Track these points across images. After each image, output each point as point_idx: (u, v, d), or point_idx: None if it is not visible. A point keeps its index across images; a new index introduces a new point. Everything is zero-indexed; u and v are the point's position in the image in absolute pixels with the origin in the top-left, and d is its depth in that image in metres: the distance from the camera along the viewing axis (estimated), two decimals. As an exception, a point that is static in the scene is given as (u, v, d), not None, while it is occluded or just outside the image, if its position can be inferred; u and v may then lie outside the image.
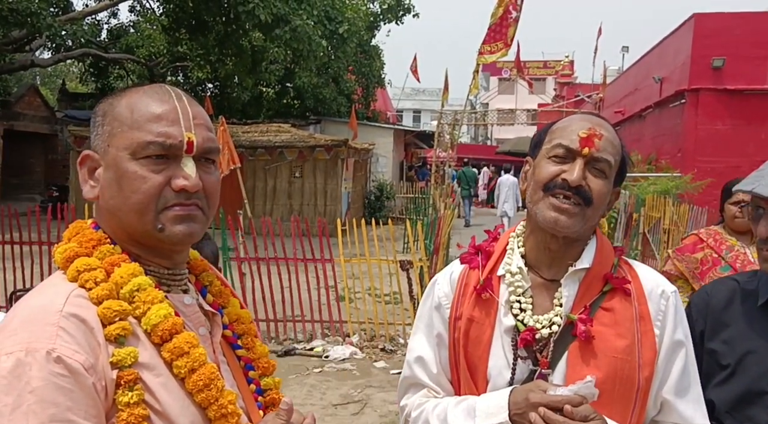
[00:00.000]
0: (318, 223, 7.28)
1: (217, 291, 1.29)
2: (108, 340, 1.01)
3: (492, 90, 42.50)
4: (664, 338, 1.43)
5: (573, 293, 1.44)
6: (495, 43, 16.14)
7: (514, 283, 1.47)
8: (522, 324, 1.43)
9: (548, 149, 1.44)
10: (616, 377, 1.37)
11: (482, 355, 1.45)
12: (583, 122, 1.44)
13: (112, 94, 1.17)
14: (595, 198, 1.40)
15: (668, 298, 1.46)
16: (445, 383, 1.52)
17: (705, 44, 14.60)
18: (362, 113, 23.83)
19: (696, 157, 14.68)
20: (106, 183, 1.11)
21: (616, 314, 1.42)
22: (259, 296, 6.97)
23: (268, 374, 1.30)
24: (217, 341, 1.20)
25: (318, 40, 16.00)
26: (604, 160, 1.40)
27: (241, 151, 13.12)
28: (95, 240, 1.12)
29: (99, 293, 1.04)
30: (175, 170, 1.09)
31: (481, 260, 1.55)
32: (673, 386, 1.43)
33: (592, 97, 24.89)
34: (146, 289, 1.08)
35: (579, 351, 1.39)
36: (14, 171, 20.57)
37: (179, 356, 1.06)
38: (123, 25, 24.13)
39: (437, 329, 1.53)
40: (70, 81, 33.38)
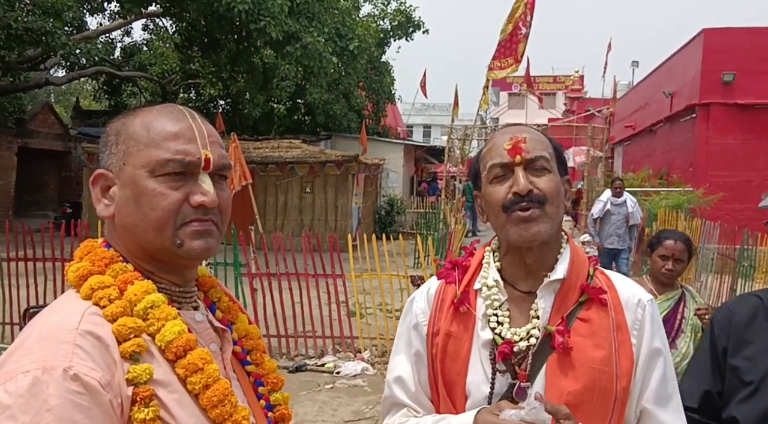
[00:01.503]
0: (329, 238, 7.29)
1: (226, 307, 1.30)
2: (123, 357, 1.02)
3: (502, 105, 42.57)
4: (641, 348, 1.43)
5: (549, 305, 1.44)
6: (505, 59, 16.20)
7: (490, 296, 1.47)
8: (500, 337, 1.43)
9: (487, 175, 1.47)
10: (594, 388, 1.37)
11: (461, 370, 1.45)
12: (504, 136, 1.47)
13: (124, 114, 1.19)
14: (548, 194, 1.41)
15: (645, 307, 1.46)
16: (425, 402, 1.52)
17: (715, 59, 14.59)
18: (372, 129, 23.92)
19: (707, 172, 14.62)
20: (122, 201, 1.11)
21: (593, 324, 1.42)
22: (270, 311, 6.97)
23: (277, 390, 1.31)
24: (227, 358, 1.21)
25: (329, 57, 16.12)
26: (537, 157, 1.43)
27: (253, 167, 13.19)
28: (108, 258, 1.13)
29: (113, 311, 1.05)
30: (192, 187, 1.11)
31: (458, 275, 1.55)
32: (653, 396, 1.43)
33: (602, 112, 24.87)
34: (160, 306, 1.09)
35: (557, 363, 1.39)
36: (28, 188, 20.78)
37: (193, 372, 1.07)
38: (136, 44, 24.44)
39: (415, 347, 1.53)
40: (84, 98, 33.77)
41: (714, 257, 9.70)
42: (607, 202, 10.05)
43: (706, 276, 9.80)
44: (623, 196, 10.04)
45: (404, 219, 20.15)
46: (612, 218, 10.04)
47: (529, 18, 15.54)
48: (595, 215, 10.17)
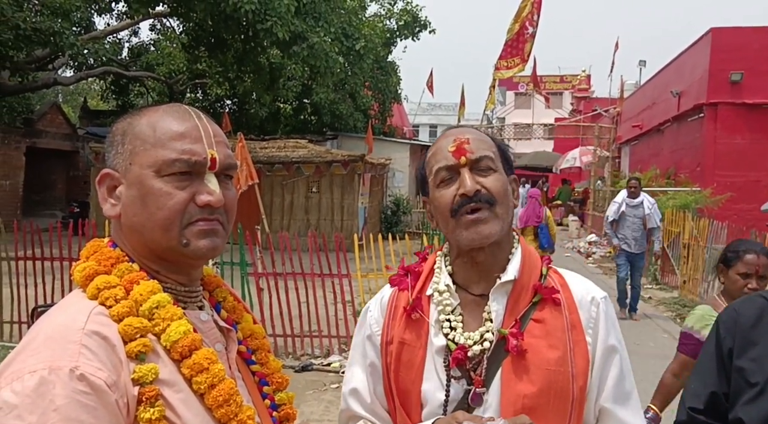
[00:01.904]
0: (335, 238, 7.30)
1: (231, 307, 1.30)
2: (129, 357, 1.02)
3: (508, 105, 42.50)
4: (597, 346, 1.42)
5: (502, 307, 1.42)
6: (512, 59, 16.19)
7: (442, 302, 1.45)
8: (453, 343, 1.41)
9: (434, 180, 1.45)
10: (551, 389, 1.35)
11: (415, 378, 1.43)
12: (447, 139, 1.45)
13: (130, 114, 1.18)
14: (495, 194, 1.40)
15: (598, 305, 1.44)
16: (382, 413, 1.51)
17: (723, 58, 14.53)
18: (379, 128, 23.93)
19: (715, 172, 14.56)
20: (128, 201, 1.12)
21: (547, 324, 1.40)
22: (277, 311, 6.98)
23: (282, 389, 1.31)
24: (232, 357, 1.21)
25: (335, 57, 16.14)
26: (482, 157, 1.41)
27: (259, 167, 13.22)
28: (113, 258, 1.14)
29: (119, 311, 1.05)
30: (198, 187, 1.11)
31: (410, 281, 1.53)
32: (611, 394, 1.41)
33: (609, 112, 24.80)
34: (165, 306, 1.09)
35: (512, 366, 1.37)
36: (36, 187, 20.89)
37: (199, 372, 1.07)
38: (143, 44, 24.53)
39: (370, 358, 1.52)
40: (92, 99, 33.92)
41: (722, 257, 9.64)
42: (622, 203, 9.38)
43: (713, 276, 9.75)
44: (640, 196, 9.35)
45: (410, 219, 20.15)
46: (628, 220, 9.34)
47: (536, 17, 15.51)
48: (610, 218, 9.49)
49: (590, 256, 16.93)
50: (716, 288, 9.49)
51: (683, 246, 11.13)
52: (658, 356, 7.41)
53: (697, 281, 10.38)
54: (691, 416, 1.74)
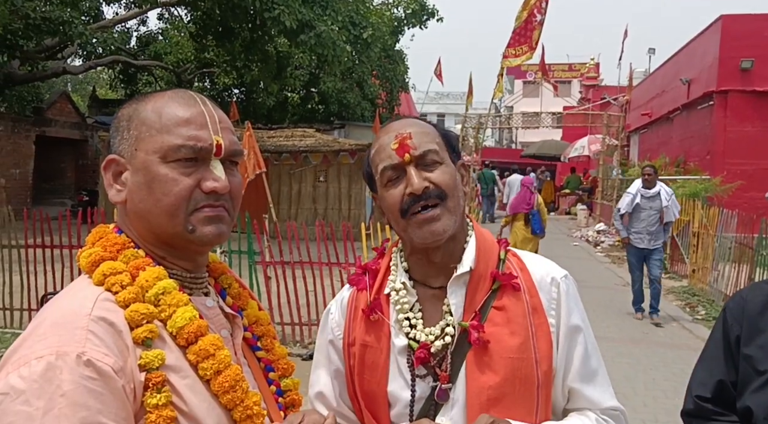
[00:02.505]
0: (342, 227, 7.31)
1: (236, 293, 1.30)
2: (136, 343, 1.03)
3: (516, 93, 42.28)
4: (560, 327, 1.40)
5: (461, 299, 1.39)
6: (520, 47, 16.08)
7: (399, 300, 1.42)
8: (415, 342, 1.39)
9: (380, 179, 1.41)
10: (515, 377, 1.34)
11: (381, 379, 1.40)
12: (389, 135, 1.41)
13: (135, 100, 1.18)
14: (445, 188, 1.36)
15: (558, 285, 1.42)
16: (348, 414, 1.49)
17: (733, 46, 14.40)
18: (386, 117, 23.80)
19: (725, 160, 14.47)
20: (134, 187, 1.12)
21: (507, 311, 1.38)
22: (284, 299, 7.01)
23: (288, 375, 1.31)
24: (238, 343, 1.21)
25: (342, 46, 16.09)
26: (427, 152, 1.37)
27: (267, 156, 13.23)
28: (119, 244, 1.14)
29: (126, 297, 1.06)
30: (204, 173, 1.11)
31: (369, 280, 1.50)
32: (578, 373, 1.40)
33: (618, 100, 24.64)
34: (171, 292, 1.10)
35: (475, 358, 1.35)
36: (46, 176, 21.00)
37: (205, 358, 1.07)
38: (152, 33, 24.52)
39: (334, 363, 1.50)
40: (100, 88, 33.97)
41: (732, 245, 9.61)
42: (636, 194, 8.47)
43: (723, 265, 9.72)
44: (656, 186, 8.46)
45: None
46: (642, 213, 8.44)
47: (544, 5, 15.39)
48: (622, 211, 8.59)
49: (598, 245, 16.88)
50: (727, 277, 9.46)
51: (693, 235, 11.08)
52: (668, 345, 7.41)
53: (707, 270, 10.34)
54: (698, 405, 1.74)
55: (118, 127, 1.16)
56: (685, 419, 1.80)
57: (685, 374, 1.94)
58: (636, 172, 18.08)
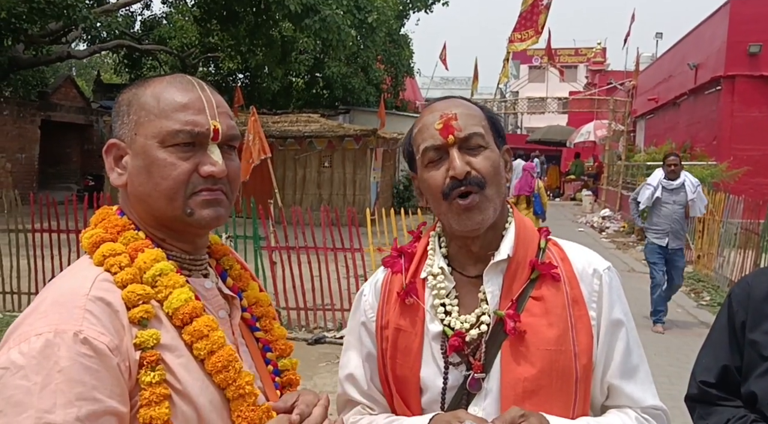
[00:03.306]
0: (347, 212, 7.32)
1: (237, 275, 1.32)
2: (132, 322, 1.05)
3: (522, 78, 42.05)
4: (601, 320, 1.36)
5: (497, 288, 1.36)
6: (526, 31, 15.98)
7: (436, 285, 1.39)
8: (449, 329, 1.36)
9: (421, 159, 1.38)
10: (552, 370, 1.30)
11: (413, 365, 1.38)
12: (434, 114, 1.37)
13: (135, 85, 1.20)
14: (486, 176, 1.33)
15: (601, 277, 1.38)
16: (379, 398, 1.46)
17: (741, 30, 14.26)
18: (391, 103, 23.80)
19: (732, 145, 14.39)
20: (134, 170, 1.14)
21: (546, 302, 1.34)
22: (290, 284, 7.04)
23: (286, 356, 1.32)
24: (236, 324, 1.23)
25: (347, 30, 16.01)
26: (471, 135, 1.34)
27: (272, 141, 13.21)
28: (120, 226, 1.17)
29: (123, 277, 1.09)
30: (202, 157, 1.13)
31: (404, 263, 1.47)
32: (618, 369, 1.36)
33: (624, 85, 24.49)
34: (168, 274, 1.12)
35: (511, 349, 1.32)
36: (51, 161, 21.04)
37: (199, 338, 1.10)
38: (156, 17, 24.44)
39: (366, 345, 1.47)
40: (105, 72, 33.91)
41: (737, 231, 9.59)
42: (657, 186, 7.46)
43: (729, 251, 9.70)
44: (681, 177, 7.43)
45: (417, 194, 20.10)
46: (664, 208, 7.41)
47: (551, -12, 15.26)
48: (641, 205, 7.63)
49: (603, 231, 16.87)
50: (732, 263, 9.44)
51: (698, 220, 11.05)
52: (672, 331, 7.42)
53: (712, 256, 10.33)
54: (703, 390, 1.74)
55: (118, 112, 1.18)
56: (688, 404, 1.81)
57: (689, 359, 1.95)
58: (642, 158, 18.02)
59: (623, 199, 18.89)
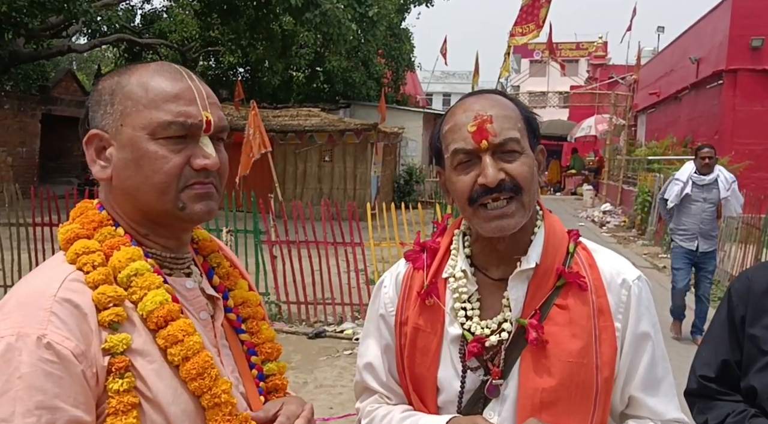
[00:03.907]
0: (348, 207, 7.32)
1: (225, 273, 1.26)
2: (101, 326, 1.00)
3: (523, 72, 41.97)
4: (626, 332, 1.32)
5: (522, 294, 1.32)
6: (527, 25, 15.91)
7: (458, 289, 1.36)
8: (469, 333, 1.33)
9: (450, 159, 1.31)
10: (572, 383, 1.27)
11: (431, 365, 1.36)
12: (467, 114, 1.29)
13: (116, 72, 1.13)
14: (522, 182, 1.27)
15: (629, 287, 1.33)
16: (396, 388, 1.45)
17: (743, 24, 14.22)
18: (392, 97, 23.76)
19: (734, 140, 14.36)
20: (121, 163, 1.08)
21: (571, 311, 1.30)
22: (290, 278, 7.05)
23: (273, 359, 1.26)
24: (218, 325, 1.18)
25: (348, 24, 15.96)
26: (507, 141, 1.27)
27: (272, 136, 13.20)
28: (97, 222, 1.11)
29: (95, 277, 1.03)
30: (194, 150, 1.09)
31: (426, 259, 1.43)
32: (641, 383, 1.33)
33: (626, 79, 24.43)
34: (144, 274, 1.06)
35: (531, 358, 1.28)
36: (52, 154, 21.01)
37: (173, 343, 1.04)
38: (156, 11, 24.35)
39: (385, 337, 1.45)
40: (106, 66, 33.82)
41: (739, 226, 9.58)
42: (687, 182, 6.69)
43: (730, 246, 9.69)
44: (714, 172, 6.65)
45: (423, 188, 20.12)
46: (693, 207, 6.65)
47: (553, -18, 15.19)
48: (669, 202, 6.83)
49: (604, 225, 16.86)
50: (733, 258, 9.43)
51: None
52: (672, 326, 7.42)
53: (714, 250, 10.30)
54: (702, 385, 1.74)
55: (99, 101, 1.12)
56: (688, 399, 1.81)
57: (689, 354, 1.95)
58: (643, 152, 17.98)
59: (624, 194, 18.87)
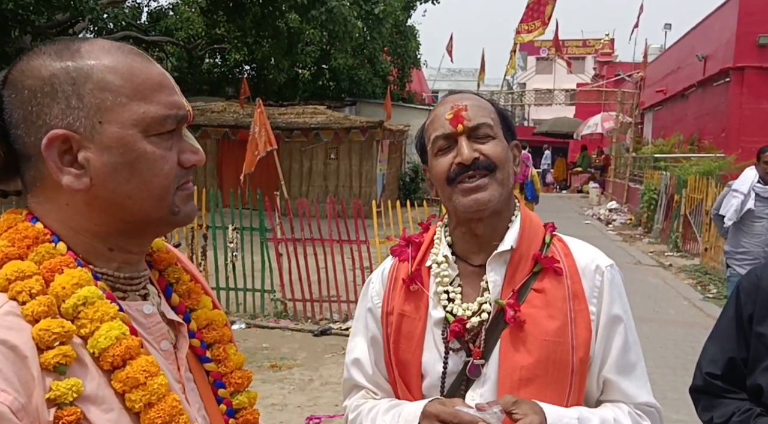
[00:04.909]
0: (353, 204, 7.32)
1: (185, 290, 1.08)
2: (45, 369, 0.81)
3: (529, 70, 41.87)
4: (600, 315, 1.39)
5: (500, 277, 1.40)
6: (533, 22, 15.90)
7: (440, 273, 1.44)
8: (451, 315, 1.40)
9: (432, 148, 1.43)
10: (549, 360, 1.34)
11: (415, 350, 1.42)
12: (445, 106, 1.42)
13: (58, 56, 0.90)
14: (495, 160, 1.37)
15: (603, 273, 1.41)
16: (383, 384, 1.51)
17: (751, 21, 14.15)
18: (397, 94, 23.73)
19: (740, 138, 14.29)
20: (107, 169, 0.89)
21: (547, 294, 1.38)
22: (296, 276, 7.06)
23: (242, 390, 1.09)
24: (182, 357, 1.00)
25: (354, 21, 15.95)
26: (480, 125, 1.38)
27: (278, 133, 13.21)
28: (31, 237, 0.89)
29: (35, 309, 0.83)
30: (181, 145, 0.95)
31: (411, 252, 1.52)
32: (615, 365, 1.39)
33: (632, 77, 24.35)
34: (94, 302, 0.87)
35: (510, 337, 1.36)
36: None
37: (134, 387, 0.87)
38: (162, 8, 24.41)
39: (371, 331, 1.51)
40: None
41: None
42: (749, 194, 5.52)
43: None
44: None
45: (428, 186, 20.08)
46: (757, 225, 5.50)
47: (559, -21, 15.17)
48: (727, 219, 5.65)
49: (610, 223, 16.81)
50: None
51: (706, 213, 11.00)
52: (679, 324, 7.41)
53: (720, 249, 10.26)
54: (708, 382, 1.74)
55: (55, 93, 0.88)
56: (693, 396, 1.81)
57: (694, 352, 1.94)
58: (650, 150, 17.92)
59: (630, 192, 18.82)
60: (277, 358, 5.86)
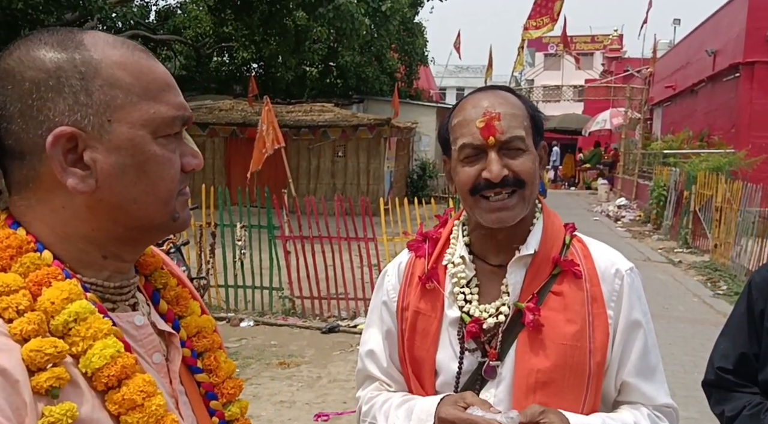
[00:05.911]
0: (361, 202, 7.32)
1: (173, 296, 1.02)
2: (36, 393, 0.74)
3: (537, 66, 41.72)
4: (619, 320, 1.38)
5: (520, 280, 1.38)
6: (541, 18, 15.85)
7: (456, 274, 1.42)
8: (467, 315, 1.39)
9: (457, 152, 1.37)
10: (566, 365, 1.32)
11: (430, 347, 1.41)
12: (476, 109, 1.34)
13: (67, 47, 0.84)
14: (525, 177, 1.33)
15: (623, 277, 1.40)
16: (397, 376, 1.50)
17: (760, 16, 14.05)
18: (405, 92, 23.72)
19: (751, 133, 14.21)
20: (115, 171, 0.84)
21: (565, 297, 1.36)
22: (304, 273, 7.07)
23: (234, 400, 1.04)
24: (175, 370, 0.95)
25: (361, 19, 15.96)
26: (513, 138, 1.32)
27: (285, 131, 13.23)
28: (14, 247, 0.81)
29: (24, 328, 0.76)
30: (183, 148, 0.91)
31: (428, 248, 1.50)
32: (635, 368, 1.38)
33: (641, 72, 24.23)
34: (86, 318, 0.80)
35: (528, 340, 1.34)
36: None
37: (130, 409, 0.81)
38: (170, 7, 24.48)
39: (386, 324, 1.51)
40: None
41: (755, 220, 9.48)
42: None
43: (746, 240, 9.60)
44: None
45: (436, 183, 20.09)
46: None
47: (567, -25, 15.11)
48: None
49: (619, 220, 16.75)
50: (750, 253, 9.34)
51: (715, 209, 10.94)
52: (688, 321, 7.37)
53: (729, 245, 10.22)
54: (720, 376, 1.74)
55: (61, 87, 0.82)
56: (705, 390, 1.81)
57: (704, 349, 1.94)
58: (659, 146, 17.83)
59: (639, 188, 18.74)
60: (285, 355, 5.88)
